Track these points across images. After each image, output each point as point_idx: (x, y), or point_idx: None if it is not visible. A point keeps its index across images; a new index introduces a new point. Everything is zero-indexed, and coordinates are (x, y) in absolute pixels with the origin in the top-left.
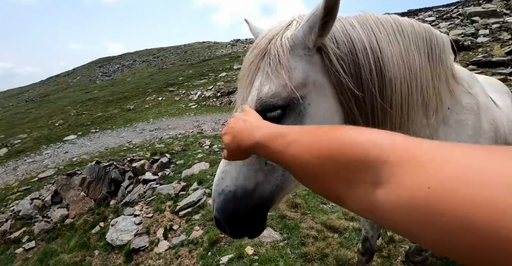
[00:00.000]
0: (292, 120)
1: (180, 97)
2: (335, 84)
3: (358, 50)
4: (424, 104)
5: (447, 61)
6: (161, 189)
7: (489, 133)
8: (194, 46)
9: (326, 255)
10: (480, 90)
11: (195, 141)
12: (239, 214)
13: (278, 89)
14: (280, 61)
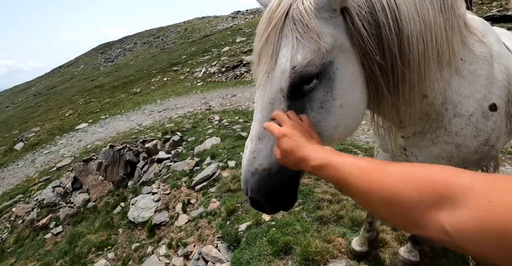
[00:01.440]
0: (324, 86)
1: (185, 76)
2: (358, 46)
3: (378, 10)
4: (438, 57)
5: (459, 10)
6: (176, 166)
7: (502, 81)
8: (194, 22)
9: (341, 217)
10: (494, 38)
11: (204, 118)
12: (276, 190)
13: (313, 56)
14: (308, 25)
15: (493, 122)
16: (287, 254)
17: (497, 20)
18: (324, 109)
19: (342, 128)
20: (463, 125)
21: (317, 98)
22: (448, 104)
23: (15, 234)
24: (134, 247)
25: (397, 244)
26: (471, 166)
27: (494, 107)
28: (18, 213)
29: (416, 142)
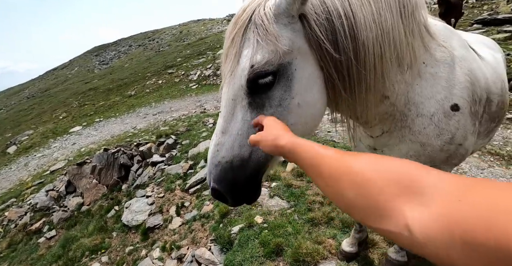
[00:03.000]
0: (282, 85)
1: (180, 79)
2: (315, 49)
3: (334, 17)
4: (398, 61)
5: (420, 17)
6: (170, 169)
7: (464, 83)
8: (189, 25)
9: (332, 219)
10: (457, 43)
11: (199, 121)
12: (238, 182)
13: (270, 56)
14: (267, 29)
15: (456, 122)
16: (279, 255)
17: (488, 23)
18: (282, 107)
19: (301, 126)
20: (425, 124)
21: (276, 96)
22: (411, 105)
23: (8, 238)
24: (128, 250)
25: (385, 244)
26: (442, 164)
27: (456, 107)
28: (11, 217)
29: (385, 141)
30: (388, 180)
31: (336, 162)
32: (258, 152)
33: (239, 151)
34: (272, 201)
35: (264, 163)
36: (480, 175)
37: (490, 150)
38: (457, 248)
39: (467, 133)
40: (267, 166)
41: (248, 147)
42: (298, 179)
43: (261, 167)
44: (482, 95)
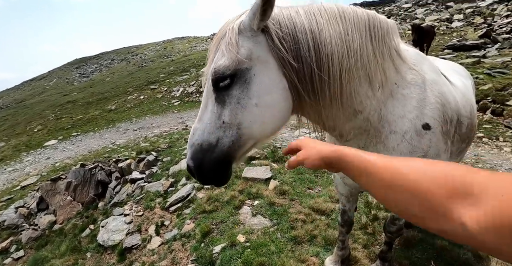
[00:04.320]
0: (239, 87)
1: (163, 95)
2: (277, 59)
3: (298, 31)
4: (368, 78)
5: (391, 42)
6: (150, 187)
7: (435, 104)
8: (173, 42)
9: (315, 236)
10: (428, 68)
11: (181, 137)
12: (205, 163)
13: (229, 62)
14: (230, 40)
15: (428, 140)
16: None
17: (457, 48)
18: (240, 105)
19: (259, 124)
20: (398, 141)
21: (234, 95)
22: (384, 122)
23: None
24: None
25: (368, 261)
26: None
27: (428, 126)
28: None
29: None
30: (440, 183)
31: (386, 169)
32: (223, 141)
33: (208, 136)
34: (255, 220)
35: (228, 152)
36: None
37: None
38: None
39: (439, 151)
40: (233, 156)
41: (215, 135)
42: (280, 197)
43: (225, 154)
44: (453, 116)
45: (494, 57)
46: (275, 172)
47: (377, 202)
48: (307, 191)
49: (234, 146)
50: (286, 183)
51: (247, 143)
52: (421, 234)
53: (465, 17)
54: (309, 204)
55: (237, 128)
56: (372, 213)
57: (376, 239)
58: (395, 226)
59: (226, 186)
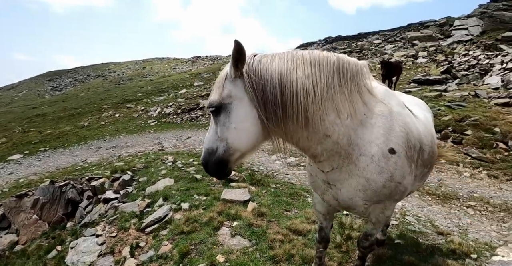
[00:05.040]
0: (224, 114)
1: (139, 114)
2: (250, 97)
3: (268, 75)
4: (335, 109)
5: (359, 81)
6: (124, 207)
7: (399, 132)
8: (153, 62)
9: (292, 255)
10: (395, 102)
11: (157, 158)
12: (209, 162)
13: (216, 98)
14: (219, 83)
15: (394, 163)
16: None
17: (422, 82)
18: (225, 127)
19: (238, 141)
20: (367, 162)
21: (221, 119)
22: (355, 146)
23: None
24: None
25: None
26: (386, 199)
27: (393, 151)
28: None
29: (336, 176)
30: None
31: None
32: (219, 149)
33: (211, 145)
34: (234, 240)
35: (223, 157)
36: (420, 212)
37: (428, 191)
38: None
39: (404, 173)
40: (227, 160)
41: (215, 144)
42: (259, 219)
43: (221, 158)
44: (416, 143)
45: (454, 91)
46: (253, 194)
47: (350, 223)
48: (284, 212)
49: (226, 153)
50: (264, 205)
51: (235, 153)
52: (391, 251)
53: (428, 55)
54: (287, 225)
55: (226, 142)
56: (346, 233)
57: (350, 257)
58: (368, 241)
59: (205, 207)
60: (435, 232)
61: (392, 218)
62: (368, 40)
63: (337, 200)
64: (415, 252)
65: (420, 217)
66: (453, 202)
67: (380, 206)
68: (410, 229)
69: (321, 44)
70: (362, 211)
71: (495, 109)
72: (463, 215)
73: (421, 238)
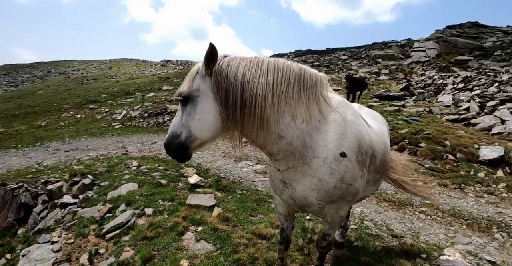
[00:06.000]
0: (190, 105)
1: (103, 116)
2: (214, 94)
3: (232, 76)
4: (291, 114)
5: (317, 90)
6: (84, 212)
7: (351, 138)
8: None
9: (256, 259)
10: (350, 112)
11: (121, 162)
12: (171, 145)
13: (186, 90)
14: (190, 77)
15: (345, 166)
16: None
17: (383, 98)
18: (190, 116)
19: (199, 131)
20: (320, 164)
21: (187, 109)
22: (308, 148)
23: None
24: None
25: None
26: (338, 200)
27: (344, 154)
28: None
29: (291, 176)
30: None
31: None
32: (182, 135)
33: (176, 129)
34: (198, 245)
35: (185, 143)
36: (377, 217)
37: (385, 198)
38: None
39: (356, 176)
40: (188, 146)
41: (180, 130)
42: (224, 224)
43: (183, 143)
44: (367, 150)
45: (411, 107)
46: (219, 200)
47: (312, 227)
48: (249, 217)
49: (188, 140)
50: (229, 210)
51: (196, 140)
52: (350, 252)
53: (390, 72)
54: (251, 230)
55: (189, 130)
56: (307, 236)
57: (311, 259)
58: (325, 241)
59: (169, 212)
60: (390, 235)
61: (352, 222)
62: (335, 56)
63: (293, 199)
64: (372, 253)
65: (377, 222)
66: (407, 208)
67: (334, 206)
68: (367, 233)
69: (291, 56)
70: (317, 210)
71: (446, 125)
72: (416, 219)
73: (378, 241)
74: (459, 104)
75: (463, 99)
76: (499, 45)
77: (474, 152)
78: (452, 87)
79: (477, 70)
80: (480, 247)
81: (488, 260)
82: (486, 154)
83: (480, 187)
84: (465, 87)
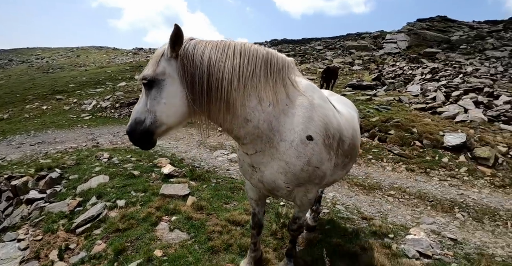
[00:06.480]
0: (156, 89)
1: (71, 107)
2: (180, 77)
3: (198, 59)
4: (257, 97)
5: (284, 74)
6: (52, 208)
7: (318, 122)
8: (89, 50)
9: (230, 245)
10: (317, 96)
11: (91, 155)
12: (135, 131)
13: (150, 73)
14: (155, 59)
15: (311, 149)
16: None
17: (356, 87)
18: (156, 100)
19: (166, 115)
20: (287, 147)
21: (153, 93)
22: (275, 132)
23: None
24: None
25: (277, 261)
26: (306, 183)
27: (311, 138)
28: None
29: (259, 159)
30: None
31: None
32: (147, 120)
33: (140, 115)
34: (172, 234)
35: (150, 128)
36: (349, 201)
37: (356, 182)
38: None
39: (322, 159)
40: (153, 132)
41: (144, 115)
42: (198, 212)
43: (148, 129)
44: (335, 134)
45: (382, 96)
46: (193, 189)
47: (286, 212)
48: (223, 205)
49: (153, 125)
50: (203, 199)
51: (162, 126)
52: (321, 235)
53: (363, 63)
54: (226, 217)
55: (154, 115)
56: (281, 221)
57: (284, 243)
58: (296, 224)
59: (142, 203)
60: (361, 218)
61: (324, 207)
62: (311, 46)
63: (262, 183)
64: (343, 235)
65: (348, 206)
66: (376, 192)
67: (302, 189)
68: (339, 216)
69: (267, 45)
70: (286, 194)
71: (414, 113)
72: (385, 202)
73: (349, 223)
74: (427, 94)
75: (430, 89)
76: (465, 39)
77: (439, 138)
78: (421, 77)
79: (444, 62)
80: (443, 226)
81: (450, 238)
82: (450, 140)
83: (444, 171)
84: (432, 78)
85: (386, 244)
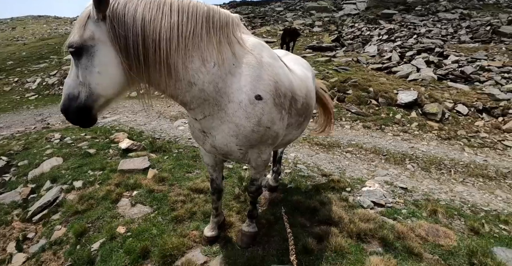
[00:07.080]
0: (86, 57)
1: (12, 87)
2: (112, 41)
3: (130, 22)
4: (201, 58)
5: (229, 32)
6: (2, 198)
7: (267, 81)
8: (26, 21)
9: (194, 213)
10: (266, 54)
11: (41, 137)
12: (70, 109)
13: (77, 39)
14: (80, 22)
15: (261, 108)
16: (146, 258)
17: (316, 49)
18: (88, 70)
19: (102, 87)
20: (236, 109)
21: (83, 63)
22: (223, 94)
23: None
24: None
25: (241, 223)
26: (259, 144)
27: (259, 97)
28: None
29: (209, 124)
30: None
31: None
32: (81, 95)
33: (72, 90)
34: (135, 209)
35: (86, 103)
36: (309, 160)
37: (317, 142)
38: None
39: (273, 119)
40: (91, 107)
41: (77, 89)
42: (160, 184)
43: (84, 104)
44: (286, 93)
45: (341, 57)
46: (154, 161)
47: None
48: (186, 175)
49: (89, 99)
50: (165, 171)
51: (99, 99)
52: (283, 194)
53: (323, 24)
54: (188, 186)
55: (89, 87)
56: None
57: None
58: (254, 186)
59: (101, 181)
60: (321, 175)
61: (286, 167)
62: (271, 7)
63: (215, 147)
64: (304, 193)
65: (309, 164)
66: (336, 149)
67: (255, 150)
68: (300, 175)
69: (226, 7)
70: (240, 157)
71: (371, 73)
72: (343, 159)
73: (309, 181)
74: (383, 54)
75: (386, 50)
76: (420, 1)
77: (393, 96)
78: (378, 38)
79: (400, 24)
80: (395, 177)
81: (401, 187)
82: (403, 98)
83: (397, 127)
84: (388, 39)
85: (344, 197)
